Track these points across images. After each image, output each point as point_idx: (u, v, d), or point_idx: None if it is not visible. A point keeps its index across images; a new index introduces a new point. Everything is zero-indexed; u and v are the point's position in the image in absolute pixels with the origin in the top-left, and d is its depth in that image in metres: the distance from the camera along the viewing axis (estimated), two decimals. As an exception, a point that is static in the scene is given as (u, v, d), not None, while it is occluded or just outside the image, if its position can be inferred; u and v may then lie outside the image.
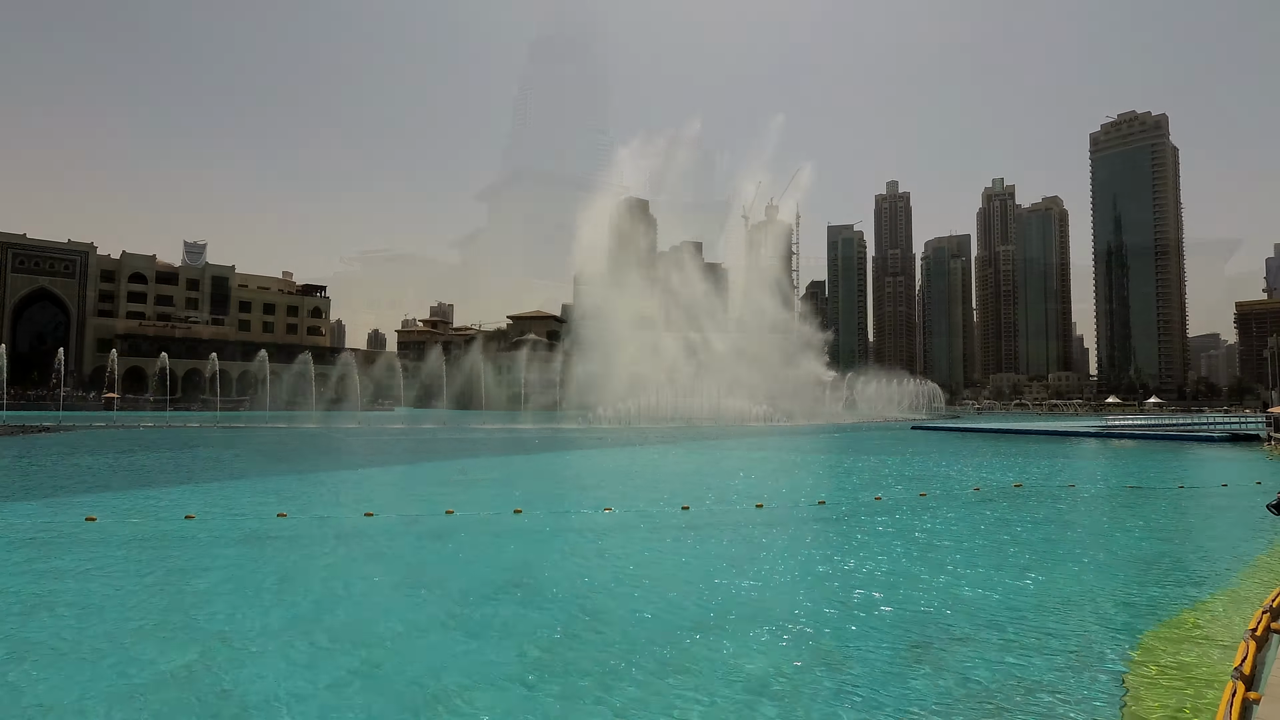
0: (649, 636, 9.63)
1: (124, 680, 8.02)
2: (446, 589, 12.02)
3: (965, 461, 37.91)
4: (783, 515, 20.10)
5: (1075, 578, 13.04)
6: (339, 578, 12.72)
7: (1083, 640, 9.59)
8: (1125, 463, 38.74)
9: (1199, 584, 12.84)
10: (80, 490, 24.12)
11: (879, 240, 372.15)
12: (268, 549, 15.02)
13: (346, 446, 47.05)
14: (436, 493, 25.26)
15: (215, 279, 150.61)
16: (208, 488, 25.52)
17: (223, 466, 33.43)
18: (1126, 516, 20.81)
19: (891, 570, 13.50)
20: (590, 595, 11.70)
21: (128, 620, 10.17)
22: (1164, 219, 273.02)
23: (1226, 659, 8.44)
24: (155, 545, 15.23)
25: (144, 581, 12.26)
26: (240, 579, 12.47)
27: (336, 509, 20.87)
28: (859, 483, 28.51)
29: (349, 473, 32.62)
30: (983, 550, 15.52)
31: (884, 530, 17.84)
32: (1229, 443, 51.18)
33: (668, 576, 13.05)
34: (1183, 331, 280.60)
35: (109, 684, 7.91)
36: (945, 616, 10.63)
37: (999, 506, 21.93)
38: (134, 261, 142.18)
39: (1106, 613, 10.94)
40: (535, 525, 18.02)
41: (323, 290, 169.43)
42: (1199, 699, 7.56)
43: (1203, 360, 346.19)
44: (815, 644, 9.37)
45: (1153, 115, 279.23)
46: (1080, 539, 17.14)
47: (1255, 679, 6.46)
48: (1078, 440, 55.69)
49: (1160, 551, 15.65)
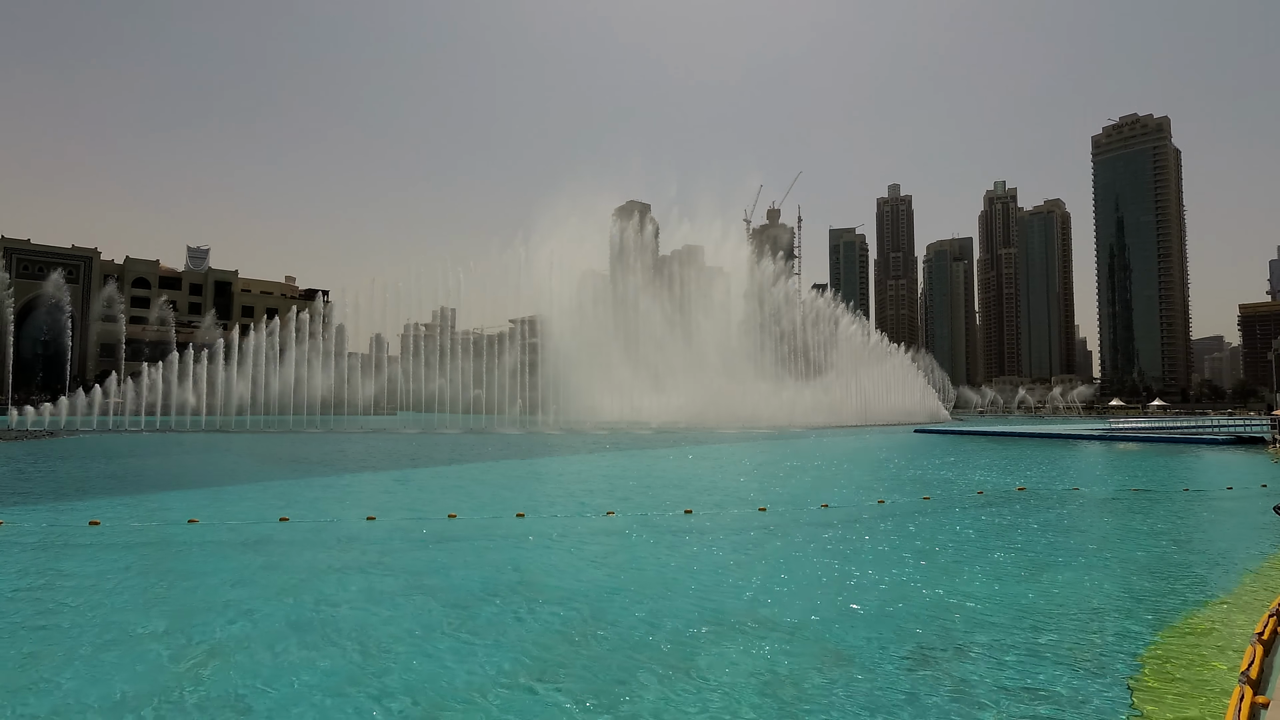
0: (651, 639, 9.59)
1: (127, 683, 8.00)
2: (447, 592, 12.00)
3: (968, 464, 37.81)
4: (786, 519, 20.05)
5: (1080, 582, 12.98)
6: (340, 581, 12.70)
7: (1088, 645, 9.54)
8: (1129, 466, 38.60)
9: (1205, 588, 12.77)
10: (84, 494, 24.15)
11: (881, 243, 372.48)
12: (269, 553, 15.01)
13: (345, 450, 47.07)
14: (438, 497, 25.23)
15: (218, 284, 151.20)
16: (211, 492, 25.53)
17: (226, 471, 33.46)
18: (1132, 520, 20.72)
19: (894, 574, 13.44)
20: (593, 598, 11.66)
21: (130, 624, 10.16)
22: (1166, 221, 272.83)
23: (1234, 664, 8.39)
24: (159, 549, 15.23)
25: (147, 585, 12.26)
26: (243, 582, 12.45)
27: (338, 511, 20.86)
28: (861, 486, 28.44)
29: (351, 476, 32.62)
30: (986, 554, 15.45)
31: (887, 534, 17.79)
32: (1233, 445, 51.00)
33: (669, 579, 13.01)
34: (1186, 334, 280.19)
35: (111, 688, 7.89)
36: (948, 621, 10.58)
37: (1002, 510, 21.85)
38: (137, 266, 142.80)
39: (1112, 617, 10.88)
40: (539, 528, 17.99)
41: (326, 294, 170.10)
42: (1207, 704, 7.50)
43: (1206, 363, 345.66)
44: (817, 648, 9.33)
45: (1154, 118, 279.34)
46: (1085, 543, 17.06)
47: (1262, 683, 6.42)
48: (1081, 443, 55.54)
49: (1166, 555, 15.58)
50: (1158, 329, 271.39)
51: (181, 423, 77.97)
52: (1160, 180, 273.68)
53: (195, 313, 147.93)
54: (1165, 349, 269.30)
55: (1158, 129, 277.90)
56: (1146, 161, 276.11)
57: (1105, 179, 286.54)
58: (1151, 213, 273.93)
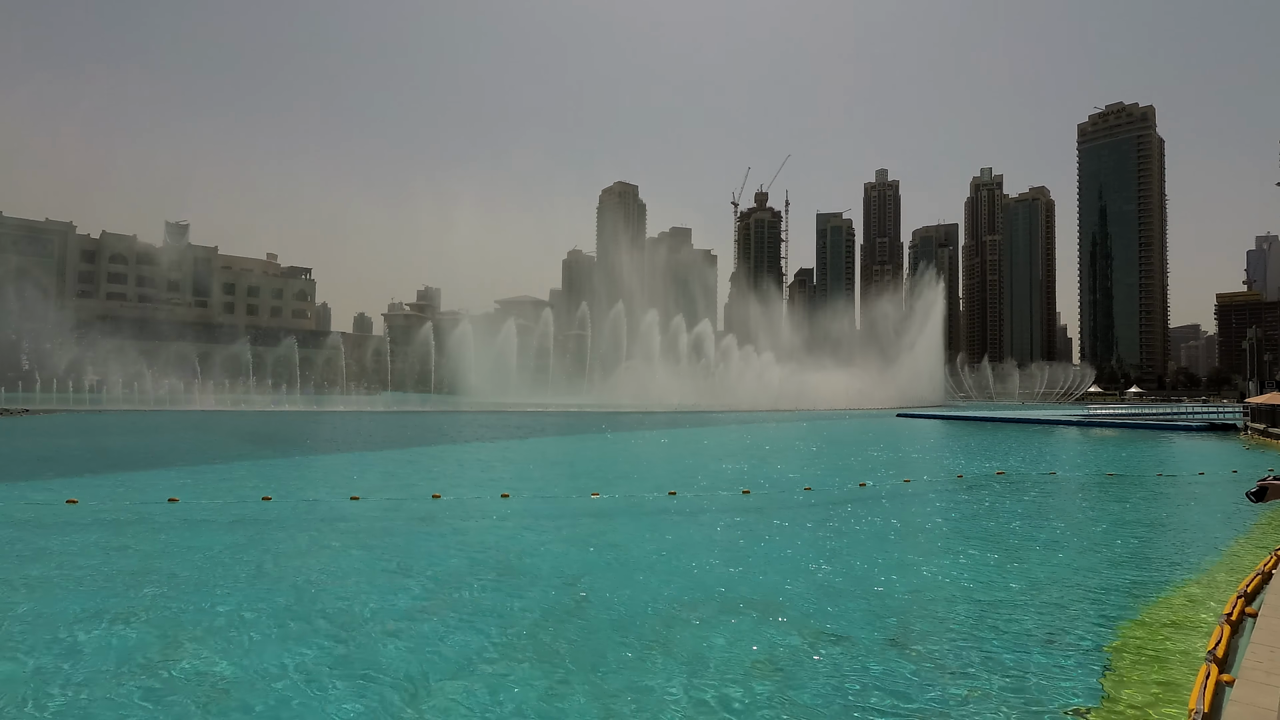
0: (633, 619, 9.67)
1: (103, 663, 7.95)
2: (430, 573, 12.00)
3: (948, 449, 38.30)
4: (769, 501, 20.24)
5: (1054, 563, 13.23)
6: (323, 561, 12.66)
7: (1060, 624, 9.74)
8: (1105, 451, 39.29)
9: (1176, 569, 13.07)
10: (61, 473, 23.83)
11: (868, 228, 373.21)
12: (252, 532, 14.92)
13: (326, 432, 46.77)
14: (423, 476, 25.16)
15: (197, 260, 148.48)
16: (191, 471, 25.28)
17: (206, 450, 33.12)
18: (1106, 503, 21.13)
19: (873, 555, 13.63)
20: (576, 578, 11.72)
21: (107, 603, 10.07)
22: (1148, 210, 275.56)
23: (1202, 643, 8.60)
24: (138, 527, 15.09)
25: (125, 564, 12.14)
26: (223, 562, 12.38)
27: (323, 492, 20.75)
28: (844, 469, 28.73)
29: (335, 457, 32.43)
30: (963, 536, 15.71)
31: (867, 516, 18.01)
32: (1207, 432, 52.06)
33: (651, 559, 13.10)
34: (1164, 322, 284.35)
35: (87, 666, 7.83)
36: (925, 601, 10.76)
37: (981, 493, 22.19)
38: (114, 242, 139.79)
39: (1085, 597, 11.11)
40: (524, 509, 18.02)
41: (308, 272, 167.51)
42: (1174, 682, 7.71)
43: (1183, 351, 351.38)
44: (797, 628, 9.45)
45: (1140, 107, 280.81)
46: (1060, 526, 17.38)
47: (1229, 662, 6.59)
48: (1059, 429, 56.42)
49: (1139, 538, 15.91)
50: (1137, 317, 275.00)
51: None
52: (1144, 169, 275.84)
53: (174, 290, 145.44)
54: (1144, 337, 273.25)
55: (1143, 118, 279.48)
56: (1131, 150, 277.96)
57: (1090, 167, 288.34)
58: (1134, 202, 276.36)
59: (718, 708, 7.08)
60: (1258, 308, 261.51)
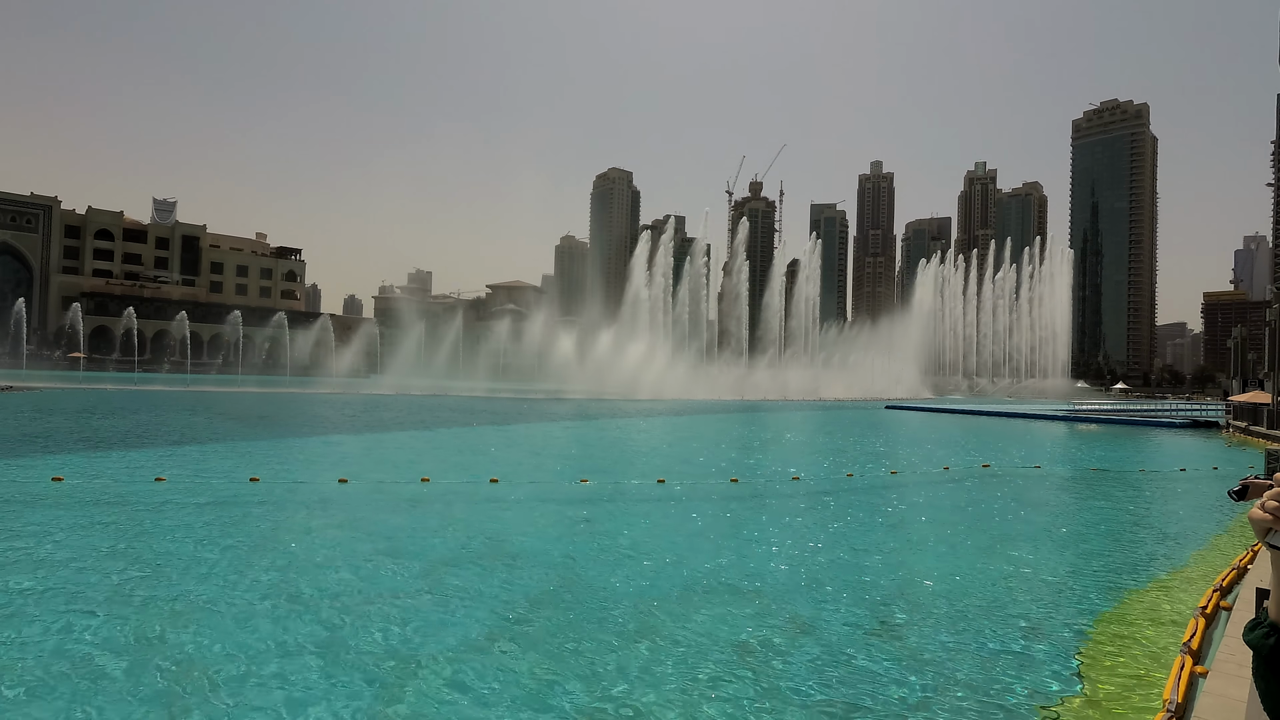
0: (622, 604, 9.73)
1: (83, 645, 7.93)
2: (419, 556, 12.02)
3: (936, 441, 38.61)
4: (758, 489, 20.36)
5: (1036, 555, 13.41)
6: (310, 544, 12.64)
7: (1040, 615, 9.90)
8: (1090, 446, 39.73)
9: (1155, 563, 13.28)
10: (46, 451, 23.62)
11: (861, 220, 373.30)
12: (239, 513, 14.87)
13: (317, 413, 46.56)
14: (413, 460, 25.13)
15: (186, 238, 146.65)
16: (178, 451, 25.13)
17: (194, 430, 32.90)
18: (1088, 498, 21.41)
19: (859, 545, 13.76)
20: (566, 563, 11.78)
21: (89, 583, 10.02)
22: (1139, 208, 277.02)
23: (1177, 635, 8.76)
24: (123, 507, 15.00)
25: (109, 544, 12.08)
26: (209, 543, 12.33)
27: (311, 474, 20.69)
28: (833, 459, 28.92)
29: (323, 438, 32.31)
30: (948, 528, 15.87)
31: (854, 506, 18.17)
32: (1189, 429, 52.72)
33: (642, 545, 13.17)
34: (1151, 320, 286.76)
35: (69, 648, 7.81)
36: (907, 591, 10.90)
37: (967, 486, 22.41)
38: (100, 217, 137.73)
39: (1064, 589, 11.28)
40: (511, 494, 18.05)
41: (298, 253, 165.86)
42: (1149, 673, 7.85)
43: (1169, 348, 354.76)
44: (783, 615, 9.54)
45: (1134, 104, 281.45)
46: (1043, 518, 17.60)
47: (1203, 654, 6.72)
48: (1045, 423, 56.96)
49: (1119, 531, 16.15)
50: (1125, 314, 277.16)
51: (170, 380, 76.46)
52: (1136, 166, 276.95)
53: (162, 267, 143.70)
54: (1131, 333, 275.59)
55: (1136, 115, 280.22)
56: (1124, 147, 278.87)
57: (1083, 163, 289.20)
58: (1125, 199, 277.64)
59: (702, 693, 7.16)
60: (1244, 307, 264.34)
